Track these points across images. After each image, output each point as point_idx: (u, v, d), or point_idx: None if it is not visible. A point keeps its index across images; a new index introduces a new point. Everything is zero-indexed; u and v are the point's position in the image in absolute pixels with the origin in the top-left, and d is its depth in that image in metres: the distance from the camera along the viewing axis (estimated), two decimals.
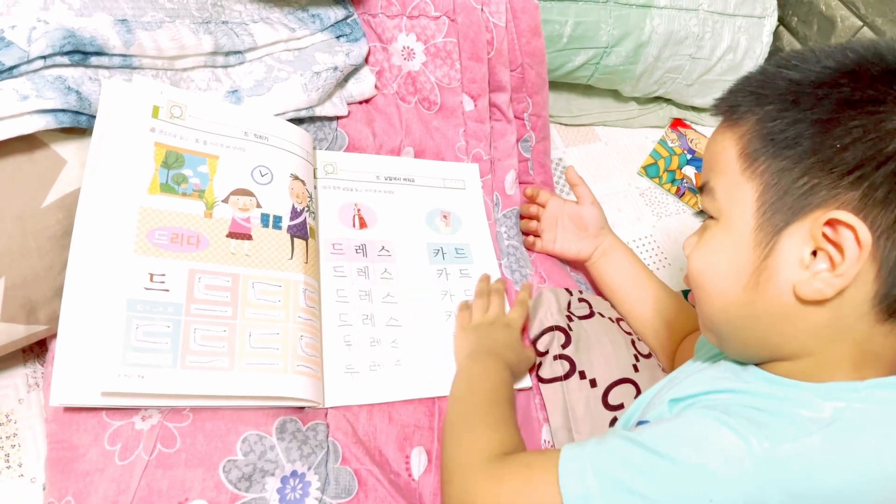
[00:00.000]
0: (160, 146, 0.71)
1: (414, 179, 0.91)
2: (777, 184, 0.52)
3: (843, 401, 0.50)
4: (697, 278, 0.58)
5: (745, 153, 0.54)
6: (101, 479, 0.61)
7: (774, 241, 0.52)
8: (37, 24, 0.66)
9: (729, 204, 0.55)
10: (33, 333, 0.69)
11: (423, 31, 0.91)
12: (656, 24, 1.08)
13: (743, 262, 0.54)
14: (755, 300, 0.54)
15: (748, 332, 0.56)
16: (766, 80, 0.55)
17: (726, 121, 0.57)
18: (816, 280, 0.50)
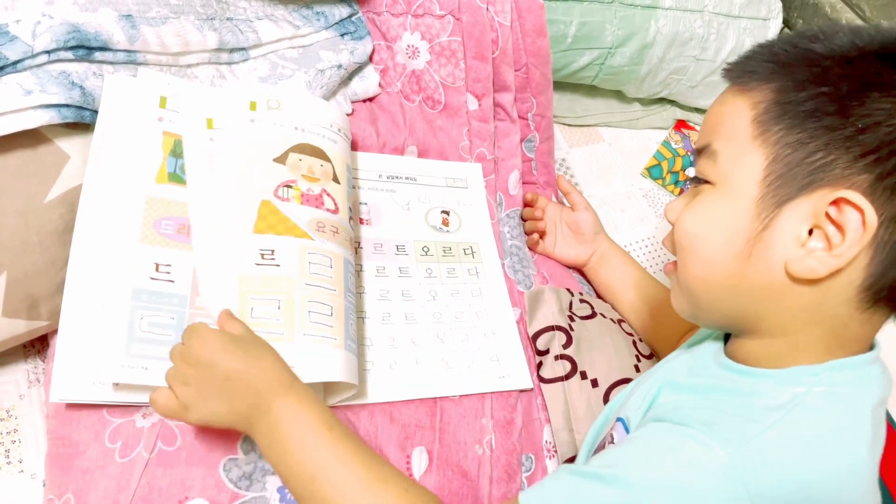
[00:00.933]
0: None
1: (416, 178, 0.91)
2: (789, 155, 0.50)
3: (804, 385, 0.50)
4: (686, 241, 0.56)
5: (759, 120, 0.52)
6: (102, 476, 0.61)
7: (775, 214, 0.51)
8: (41, 18, 0.65)
9: (732, 169, 0.53)
10: (35, 329, 0.69)
11: (427, 29, 0.91)
12: (661, 25, 1.08)
13: (739, 231, 0.52)
14: (744, 272, 0.53)
15: (729, 303, 0.55)
16: (790, 50, 0.53)
17: (739, 85, 0.55)
18: (810, 258, 0.50)
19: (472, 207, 0.92)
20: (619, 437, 0.59)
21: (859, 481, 0.49)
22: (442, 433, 0.73)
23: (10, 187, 0.65)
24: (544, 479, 0.55)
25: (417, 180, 0.91)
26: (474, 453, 0.73)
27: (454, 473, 0.71)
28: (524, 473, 0.75)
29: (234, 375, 0.57)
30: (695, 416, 0.51)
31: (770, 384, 0.52)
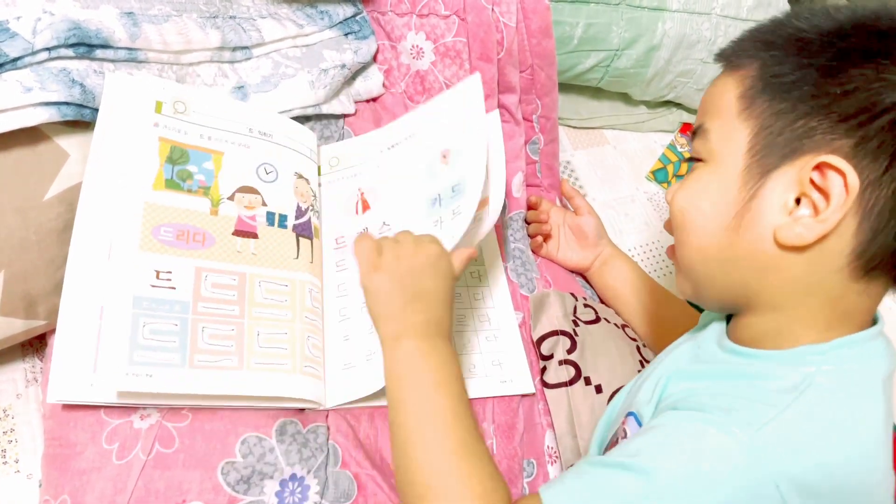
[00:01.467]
0: (164, 141, 0.70)
1: (415, 134, 0.83)
2: (772, 126, 0.52)
3: (812, 365, 0.51)
4: (679, 217, 0.58)
5: (745, 95, 0.54)
6: (98, 477, 0.60)
7: (761, 184, 0.52)
8: (42, 15, 0.65)
9: (721, 145, 0.55)
10: (32, 328, 0.68)
11: (432, 29, 0.90)
12: (668, 28, 1.07)
13: (727, 203, 0.54)
14: (735, 242, 0.54)
15: (725, 277, 0.56)
16: (774, 29, 0.55)
17: (728, 67, 0.57)
18: (798, 225, 0.50)
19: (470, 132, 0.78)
20: (633, 431, 0.59)
21: (878, 460, 0.49)
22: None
23: (8, 185, 0.64)
24: (563, 474, 0.55)
25: (416, 135, 0.83)
26: None
27: None
28: (526, 478, 0.74)
29: (434, 296, 0.61)
30: (711, 403, 0.51)
31: (777, 365, 0.52)
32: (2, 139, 0.63)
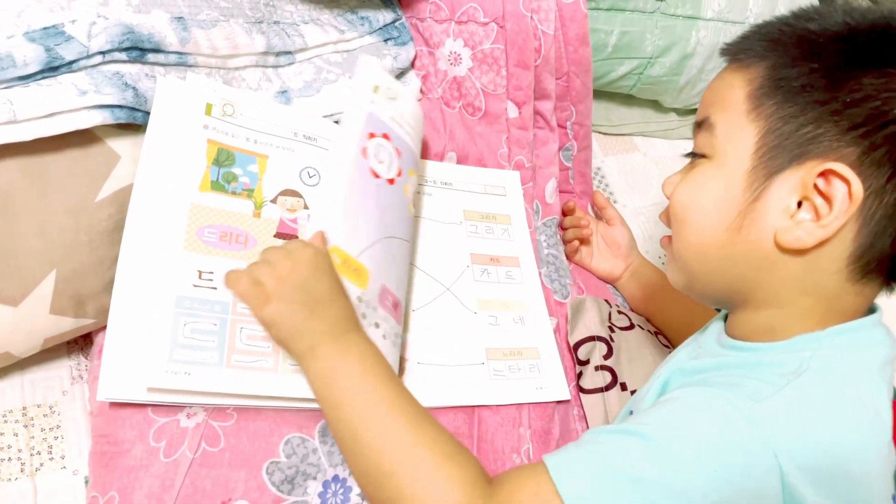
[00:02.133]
0: (212, 143, 0.71)
1: (451, 183, 0.91)
2: (780, 128, 0.52)
3: (808, 350, 0.52)
4: (680, 213, 0.59)
5: (753, 95, 0.54)
6: (146, 475, 0.61)
7: (765, 186, 0.53)
8: (97, 19, 0.66)
9: (726, 142, 0.55)
10: (81, 327, 0.69)
11: (471, 36, 0.91)
12: (702, 36, 1.07)
13: (730, 202, 0.54)
14: (735, 242, 0.55)
15: (722, 274, 0.57)
16: (784, 29, 0.55)
17: (735, 62, 0.57)
18: (799, 229, 0.51)
19: (509, 214, 0.92)
20: None
21: (877, 440, 0.50)
22: (480, 441, 0.73)
23: (61, 186, 0.65)
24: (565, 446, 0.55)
25: (452, 185, 0.91)
26: (512, 462, 0.73)
27: None
28: None
29: (329, 297, 0.60)
30: (716, 381, 0.52)
31: (775, 354, 0.54)
32: (56, 141, 0.64)
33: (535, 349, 0.81)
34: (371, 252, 0.69)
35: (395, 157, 0.76)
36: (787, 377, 0.50)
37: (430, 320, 0.78)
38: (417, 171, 0.82)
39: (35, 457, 0.69)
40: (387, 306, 0.69)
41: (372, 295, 0.68)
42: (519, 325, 0.82)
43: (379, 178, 0.73)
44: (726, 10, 1.08)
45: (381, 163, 0.74)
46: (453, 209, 0.88)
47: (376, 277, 0.69)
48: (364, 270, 0.68)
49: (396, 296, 0.72)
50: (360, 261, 0.68)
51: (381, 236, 0.71)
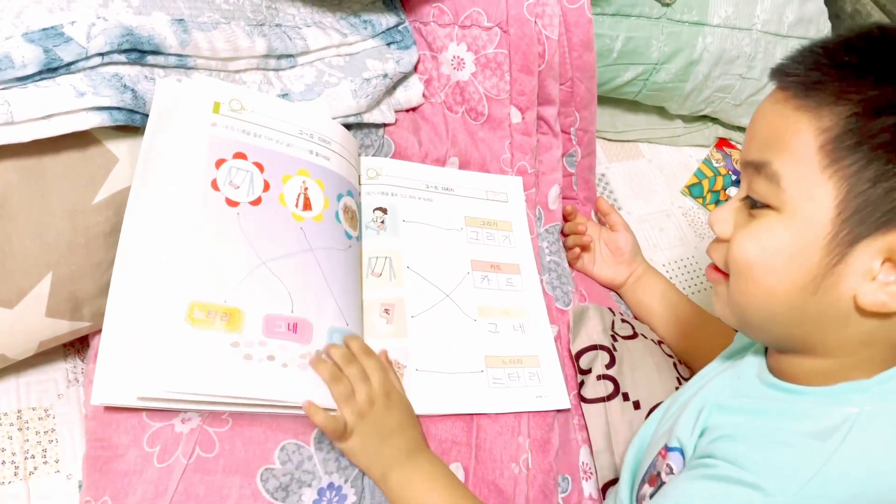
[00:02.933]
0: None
1: (453, 189, 0.90)
2: (866, 191, 0.47)
3: (856, 405, 0.49)
4: (745, 268, 0.53)
5: (830, 149, 0.48)
6: (140, 480, 0.61)
7: (849, 251, 0.49)
8: (96, 20, 0.66)
9: (799, 198, 0.50)
10: (77, 329, 0.69)
11: (474, 41, 0.90)
12: (708, 43, 1.06)
13: (806, 266, 0.50)
14: (807, 301, 0.51)
15: (785, 328, 0.54)
16: (867, 59, 0.49)
17: (801, 98, 0.50)
18: (882, 292, 0.48)
19: (511, 221, 0.91)
20: (678, 466, 0.58)
21: None
22: (478, 450, 0.72)
23: (58, 188, 0.65)
24: None
25: (454, 191, 0.90)
26: (510, 472, 0.72)
27: (490, 491, 0.70)
28: (560, 494, 0.74)
29: (399, 427, 0.66)
30: (747, 455, 0.50)
31: (818, 404, 0.51)
32: (54, 142, 0.64)
33: (535, 357, 0.80)
34: (244, 288, 0.65)
35: (256, 174, 0.71)
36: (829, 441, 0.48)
37: (428, 327, 0.77)
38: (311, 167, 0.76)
39: (29, 460, 0.68)
40: (279, 333, 0.65)
41: (254, 332, 0.64)
42: (519, 332, 0.81)
43: (237, 204, 0.69)
44: (733, 17, 1.07)
45: (236, 188, 0.69)
46: (454, 215, 0.88)
47: (257, 311, 0.65)
48: (237, 313, 0.64)
49: (296, 315, 0.67)
50: (231, 305, 0.64)
51: (255, 265, 0.67)
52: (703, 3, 1.05)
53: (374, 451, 0.64)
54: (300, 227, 0.71)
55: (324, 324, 0.68)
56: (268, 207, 0.70)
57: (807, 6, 1.13)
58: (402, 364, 0.73)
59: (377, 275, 0.78)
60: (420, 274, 0.81)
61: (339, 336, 0.69)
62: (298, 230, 0.71)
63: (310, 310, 0.68)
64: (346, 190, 0.78)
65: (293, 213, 0.71)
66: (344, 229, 0.75)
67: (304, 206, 0.73)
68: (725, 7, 1.06)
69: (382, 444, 0.64)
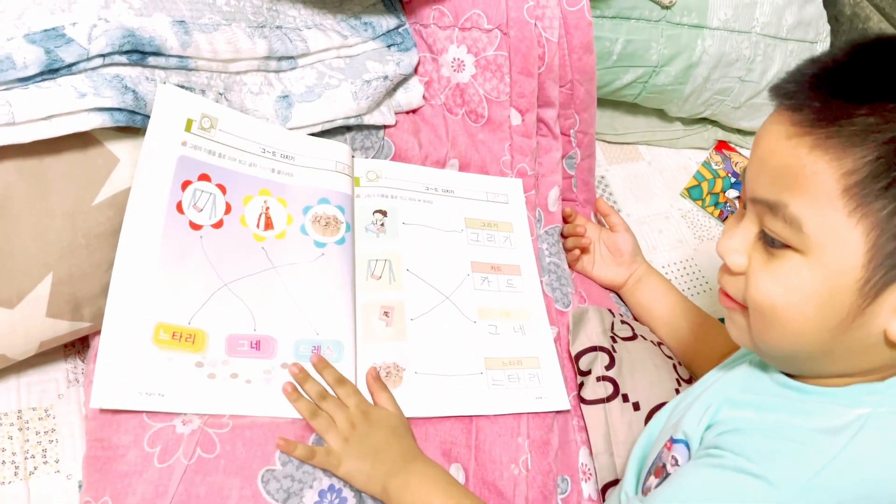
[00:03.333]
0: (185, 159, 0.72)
1: (453, 191, 0.90)
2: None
3: (868, 406, 0.49)
4: (769, 311, 0.52)
5: (855, 193, 0.46)
6: (140, 481, 0.61)
7: (881, 292, 0.47)
8: (97, 22, 0.66)
9: (826, 243, 0.48)
10: (77, 330, 0.69)
11: (474, 43, 0.90)
12: (708, 45, 1.07)
13: (837, 309, 0.49)
14: (836, 339, 0.50)
15: (810, 360, 0.53)
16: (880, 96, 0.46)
17: (817, 136, 0.47)
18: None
19: (511, 222, 0.91)
20: (683, 458, 0.58)
21: None
22: (478, 451, 0.72)
23: (59, 188, 0.65)
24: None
25: (455, 193, 0.90)
26: (510, 473, 0.72)
27: (490, 492, 0.71)
28: (560, 495, 0.74)
29: (386, 442, 0.66)
30: (755, 447, 0.50)
31: (829, 402, 0.51)
32: (55, 143, 0.64)
33: (535, 358, 0.80)
34: (207, 310, 0.68)
35: (219, 196, 0.73)
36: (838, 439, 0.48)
37: (428, 330, 0.77)
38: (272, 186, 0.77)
39: (29, 460, 0.68)
40: (242, 351, 0.68)
41: (217, 352, 0.67)
42: (519, 333, 0.81)
43: (200, 227, 0.71)
44: (732, 20, 1.07)
45: (199, 211, 0.71)
46: (454, 217, 0.88)
47: (219, 331, 0.67)
48: (200, 333, 0.67)
49: (259, 333, 0.69)
50: (194, 326, 0.66)
51: (217, 287, 0.69)
52: (703, 6, 1.05)
53: (369, 470, 0.65)
54: (261, 247, 0.73)
55: (289, 338, 0.70)
56: (229, 230, 0.72)
57: (806, 9, 1.13)
58: (401, 367, 0.73)
59: (377, 277, 0.79)
60: (420, 276, 0.81)
61: (306, 347, 0.70)
62: (260, 250, 0.73)
63: (273, 326, 0.70)
64: (319, 199, 0.79)
65: (254, 234, 0.74)
66: (313, 240, 0.76)
67: (266, 225, 0.74)
68: (725, 10, 1.06)
69: (375, 461, 0.65)
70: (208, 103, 0.74)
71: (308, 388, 0.68)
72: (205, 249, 0.70)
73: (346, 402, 0.68)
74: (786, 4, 1.10)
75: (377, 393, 0.70)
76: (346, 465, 0.65)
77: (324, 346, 0.71)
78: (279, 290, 0.72)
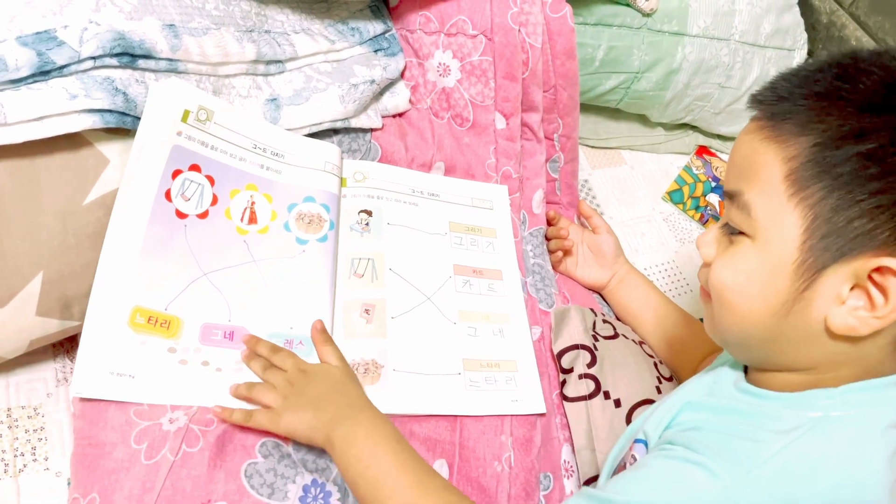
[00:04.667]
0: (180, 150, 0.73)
1: (439, 195, 0.92)
2: (830, 220, 0.49)
3: (820, 409, 0.51)
4: (722, 293, 0.56)
5: (796, 178, 0.50)
6: (127, 477, 0.61)
7: (816, 277, 0.50)
8: (88, 25, 0.67)
9: (769, 226, 0.52)
10: (66, 328, 0.70)
11: (459, 48, 0.92)
12: (688, 52, 1.09)
13: (777, 291, 0.52)
14: (781, 325, 0.53)
15: (761, 349, 0.56)
16: (828, 94, 0.50)
17: (770, 130, 0.52)
18: (851, 317, 0.50)
19: (495, 227, 0.93)
20: (640, 456, 0.60)
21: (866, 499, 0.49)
22: (462, 448, 0.73)
23: (50, 188, 0.66)
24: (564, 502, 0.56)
25: (440, 197, 0.92)
26: (493, 470, 0.73)
27: (473, 489, 0.72)
28: (542, 492, 0.75)
29: (328, 392, 0.66)
30: (705, 442, 0.52)
31: (785, 408, 0.53)
32: (46, 144, 0.65)
33: (513, 362, 0.81)
34: (184, 297, 0.69)
35: (206, 187, 0.74)
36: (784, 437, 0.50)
37: (408, 328, 0.79)
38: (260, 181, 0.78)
39: (19, 458, 0.69)
40: (215, 340, 0.69)
41: (190, 339, 0.68)
42: (498, 336, 0.83)
43: (186, 217, 0.72)
44: (712, 27, 1.09)
45: (187, 200, 0.72)
46: (439, 220, 0.89)
47: (195, 319, 0.69)
48: (175, 320, 0.68)
49: (233, 324, 0.70)
50: (170, 312, 0.68)
51: (197, 276, 0.71)
52: (683, 14, 1.08)
53: (311, 419, 0.64)
54: (244, 240, 0.75)
55: (263, 330, 0.72)
56: (213, 221, 0.74)
57: (783, 18, 1.16)
58: (379, 364, 0.74)
59: (359, 276, 0.80)
60: (402, 276, 0.82)
61: (279, 340, 0.71)
62: (242, 244, 0.75)
63: (248, 318, 0.72)
64: (304, 197, 0.80)
65: (237, 227, 0.75)
66: (295, 237, 0.78)
67: (250, 219, 0.76)
68: (704, 17, 1.09)
69: (316, 410, 0.64)
70: (206, 96, 0.76)
71: (252, 366, 0.68)
72: (188, 238, 0.71)
73: (282, 366, 0.68)
74: (764, 13, 1.13)
75: (321, 346, 0.71)
76: (286, 418, 0.64)
77: (296, 340, 0.72)
78: (257, 283, 0.74)
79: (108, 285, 0.66)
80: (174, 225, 0.71)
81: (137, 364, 0.65)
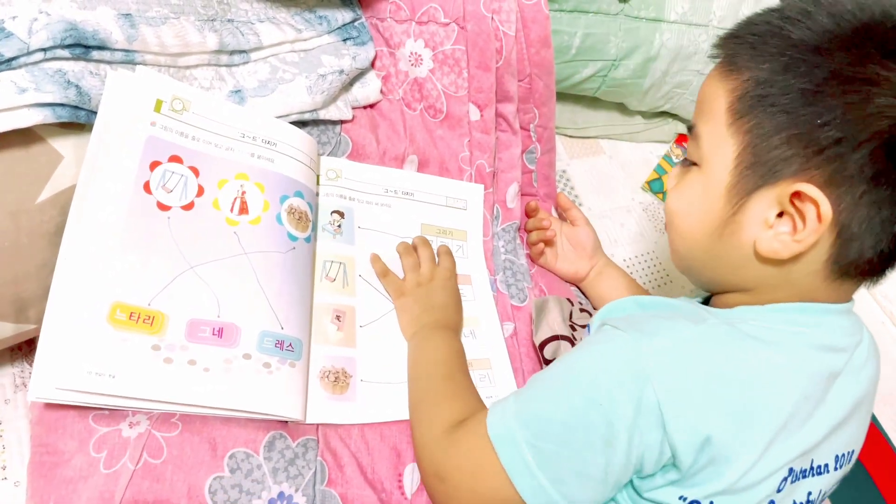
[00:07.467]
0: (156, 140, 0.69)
1: (413, 194, 0.89)
2: (756, 146, 0.54)
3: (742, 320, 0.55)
4: (671, 218, 0.63)
5: (734, 108, 0.55)
6: (85, 487, 0.59)
7: (744, 201, 0.55)
8: (38, 15, 0.64)
9: (711, 154, 0.58)
10: (22, 332, 0.67)
11: (431, 37, 0.90)
12: (666, 39, 1.07)
13: (713, 213, 0.57)
14: (717, 246, 0.58)
15: (707, 270, 0.62)
16: (768, 34, 0.55)
17: (723, 67, 0.58)
18: (776, 241, 0.54)
19: (466, 228, 0.91)
20: None
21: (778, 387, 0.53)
22: None
23: (1, 187, 0.63)
24: None
25: (414, 196, 0.89)
26: None
27: None
28: None
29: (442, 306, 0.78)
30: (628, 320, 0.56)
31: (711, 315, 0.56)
32: None
33: (486, 360, 0.80)
34: (168, 292, 0.65)
35: (190, 178, 0.70)
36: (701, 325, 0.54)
37: (377, 337, 0.77)
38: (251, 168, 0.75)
39: None
40: (203, 338, 0.65)
41: (176, 336, 0.64)
42: (470, 338, 0.81)
43: (169, 209, 0.69)
44: (689, 13, 1.07)
45: (169, 192, 0.69)
46: (411, 223, 0.87)
47: (181, 315, 0.65)
48: (160, 315, 0.64)
49: (223, 320, 0.66)
50: (154, 308, 0.64)
51: (182, 270, 0.67)
52: (660, 0, 1.06)
53: (416, 315, 0.76)
54: (234, 231, 0.71)
55: (254, 328, 0.67)
56: (200, 212, 0.70)
57: (762, 3, 1.14)
58: (348, 373, 0.72)
59: (331, 279, 0.78)
60: (371, 283, 0.80)
61: (270, 340, 0.68)
62: (231, 235, 0.71)
63: (238, 314, 0.67)
64: (294, 191, 0.76)
65: (227, 218, 0.71)
66: (287, 231, 0.74)
67: (241, 209, 0.72)
68: (682, 4, 1.07)
69: (423, 312, 0.76)
70: (180, 86, 0.72)
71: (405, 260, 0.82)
72: (172, 231, 0.67)
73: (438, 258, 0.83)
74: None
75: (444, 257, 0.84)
76: (405, 301, 0.78)
77: (286, 342, 0.69)
78: (248, 277, 0.70)
79: (82, 281, 0.62)
80: (156, 217, 0.67)
81: (118, 363, 0.60)
